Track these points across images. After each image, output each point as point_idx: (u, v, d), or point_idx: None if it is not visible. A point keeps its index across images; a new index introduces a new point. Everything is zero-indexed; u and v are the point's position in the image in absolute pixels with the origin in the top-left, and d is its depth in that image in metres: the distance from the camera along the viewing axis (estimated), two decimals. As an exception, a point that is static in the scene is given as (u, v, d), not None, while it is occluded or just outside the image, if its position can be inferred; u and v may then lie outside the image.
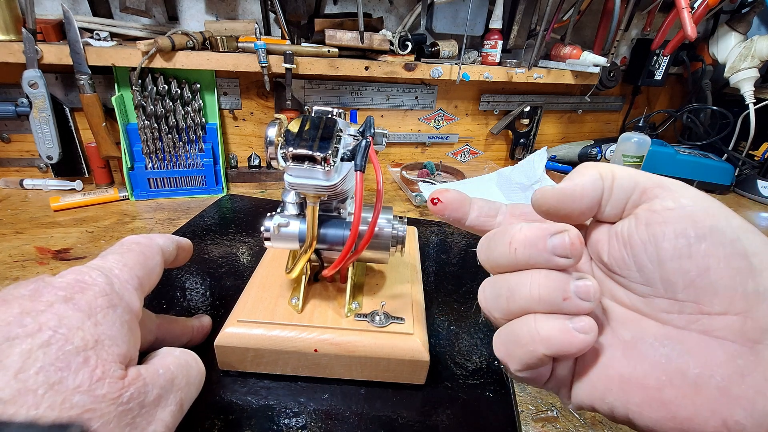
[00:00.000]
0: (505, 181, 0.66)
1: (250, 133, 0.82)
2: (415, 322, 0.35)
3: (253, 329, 0.33)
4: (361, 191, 0.28)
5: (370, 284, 0.39)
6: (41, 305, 0.20)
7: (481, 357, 0.39)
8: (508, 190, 0.66)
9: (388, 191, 0.82)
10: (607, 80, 0.91)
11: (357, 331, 0.33)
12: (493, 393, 0.35)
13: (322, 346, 0.33)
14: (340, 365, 0.33)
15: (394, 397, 0.34)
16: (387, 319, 0.34)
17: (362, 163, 0.29)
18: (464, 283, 0.50)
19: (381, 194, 0.31)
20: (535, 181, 0.59)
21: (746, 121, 0.94)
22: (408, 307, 0.36)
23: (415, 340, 0.33)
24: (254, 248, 0.54)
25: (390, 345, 0.33)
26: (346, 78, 0.80)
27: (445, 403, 0.34)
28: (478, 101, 0.93)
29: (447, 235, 0.61)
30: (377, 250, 0.35)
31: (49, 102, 0.63)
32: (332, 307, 0.36)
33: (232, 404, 0.32)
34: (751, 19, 0.93)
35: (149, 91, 0.67)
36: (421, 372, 0.34)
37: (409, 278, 0.41)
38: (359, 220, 0.29)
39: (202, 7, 0.75)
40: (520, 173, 0.63)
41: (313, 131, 0.29)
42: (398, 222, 0.36)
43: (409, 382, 0.34)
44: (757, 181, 0.92)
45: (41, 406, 0.17)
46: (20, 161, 0.73)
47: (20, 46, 0.60)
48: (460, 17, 0.80)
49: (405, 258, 0.43)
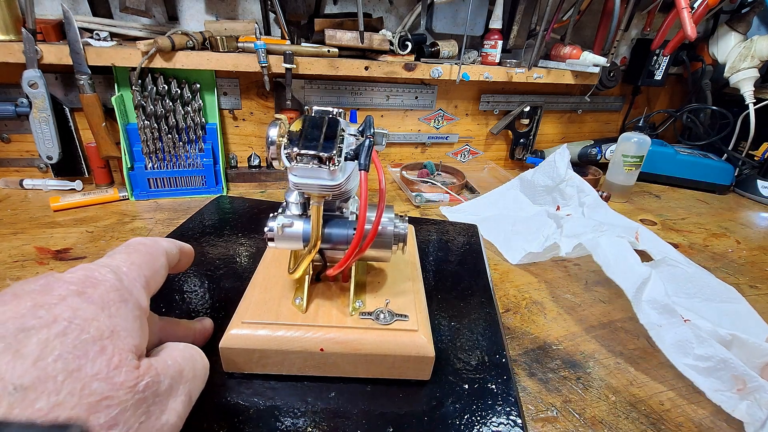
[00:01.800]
0: (528, 186, 0.66)
1: (250, 133, 0.82)
2: (419, 318, 0.35)
3: (258, 330, 0.33)
4: (366, 190, 0.28)
5: (373, 282, 0.39)
6: (54, 299, 0.20)
7: (483, 351, 0.39)
8: (533, 195, 0.66)
9: (389, 191, 0.82)
10: (607, 80, 0.91)
11: (362, 329, 0.34)
12: (496, 385, 0.35)
13: (328, 345, 0.33)
14: (346, 364, 0.34)
15: (401, 393, 0.34)
16: (391, 316, 0.35)
17: (366, 162, 0.29)
18: (463, 280, 0.50)
19: (384, 193, 0.31)
20: (560, 181, 0.59)
21: (746, 121, 0.94)
22: (411, 303, 0.37)
23: (420, 336, 0.34)
24: (252, 249, 0.54)
25: (395, 342, 0.33)
26: (346, 78, 0.80)
27: (451, 396, 0.34)
28: (478, 101, 0.93)
29: (445, 233, 0.61)
30: (380, 248, 0.35)
31: (49, 102, 0.63)
32: (336, 306, 0.36)
33: (238, 406, 0.32)
34: (751, 19, 0.94)
35: (149, 91, 0.67)
36: (426, 367, 0.34)
37: (410, 275, 0.41)
38: (365, 219, 0.29)
39: (201, 7, 0.75)
40: (543, 175, 0.63)
41: (317, 131, 0.29)
42: (400, 221, 0.36)
43: (415, 378, 0.35)
44: (757, 181, 0.92)
45: (61, 393, 0.17)
46: (20, 161, 0.73)
47: (20, 46, 0.60)
48: (460, 17, 0.80)
49: (405, 256, 0.43)
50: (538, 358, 0.42)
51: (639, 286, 0.43)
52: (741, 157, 0.96)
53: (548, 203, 0.63)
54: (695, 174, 0.95)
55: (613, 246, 0.47)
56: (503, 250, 0.59)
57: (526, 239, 0.59)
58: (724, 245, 0.70)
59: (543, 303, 0.50)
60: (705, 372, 0.37)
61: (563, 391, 0.38)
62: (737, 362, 0.34)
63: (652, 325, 0.41)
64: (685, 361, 0.38)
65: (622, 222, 0.63)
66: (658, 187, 0.96)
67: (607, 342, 0.45)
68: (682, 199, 0.90)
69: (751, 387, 0.32)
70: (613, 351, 0.44)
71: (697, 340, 0.38)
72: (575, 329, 0.46)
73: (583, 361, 0.42)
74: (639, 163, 0.84)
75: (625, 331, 0.47)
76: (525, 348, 0.43)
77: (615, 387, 0.39)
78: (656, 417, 0.36)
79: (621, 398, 0.38)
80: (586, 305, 0.51)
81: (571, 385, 0.39)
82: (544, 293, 0.52)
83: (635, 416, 0.36)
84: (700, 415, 0.37)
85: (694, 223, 0.78)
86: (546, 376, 0.39)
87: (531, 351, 0.42)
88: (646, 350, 0.44)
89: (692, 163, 0.95)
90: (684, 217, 0.81)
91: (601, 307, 0.51)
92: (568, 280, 0.56)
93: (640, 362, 0.42)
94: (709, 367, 0.36)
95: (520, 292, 0.52)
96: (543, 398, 0.37)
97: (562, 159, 0.60)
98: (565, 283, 0.55)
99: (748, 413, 0.32)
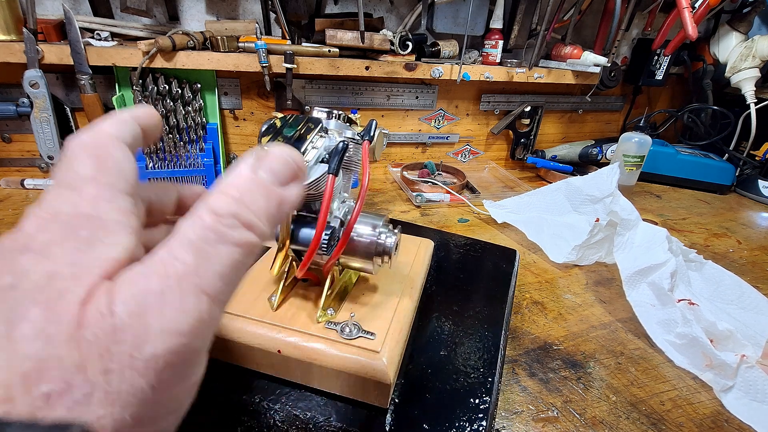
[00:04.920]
0: (574, 192, 0.67)
1: (251, 132, 0.82)
2: (387, 339, 0.32)
3: (231, 320, 0.33)
4: (329, 194, 0.28)
5: (356, 293, 0.37)
6: None
7: (466, 392, 0.34)
8: (576, 201, 0.67)
9: (389, 191, 0.82)
10: (608, 80, 0.91)
11: (323, 339, 0.32)
12: (468, 423, 0.31)
13: (286, 348, 0.32)
14: (301, 371, 0.32)
15: (353, 415, 0.31)
16: (357, 331, 0.33)
17: (335, 166, 0.28)
18: (469, 299, 0.45)
19: (363, 199, 0.30)
20: (608, 194, 0.61)
21: (747, 121, 0.94)
22: (386, 323, 0.34)
23: (380, 359, 0.31)
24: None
25: (352, 359, 0.31)
26: (347, 78, 0.80)
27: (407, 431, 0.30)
28: (478, 101, 0.93)
29: (475, 251, 0.56)
30: (357, 257, 0.34)
31: (50, 102, 0.64)
32: (308, 310, 0.35)
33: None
34: (752, 19, 0.93)
35: (150, 91, 0.67)
36: (382, 394, 0.31)
37: (400, 292, 0.38)
38: (324, 222, 0.28)
39: (202, 7, 0.75)
40: (592, 186, 0.65)
41: (292, 131, 0.29)
42: (387, 231, 0.34)
43: (371, 402, 0.32)
44: (758, 181, 0.92)
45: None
46: (21, 161, 0.73)
47: (21, 46, 0.60)
48: (460, 17, 0.80)
49: (404, 270, 0.41)
50: (538, 358, 0.42)
51: (649, 268, 0.49)
52: (742, 157, 0.96)
53: (589, 213, 0.64)
54: (696, 174, 0.95)
55: (649, 230, 0.54)
56: (548, 251, 0.61)
57: (567, 242, 0.61)
58: (725, 245, 0.70)
59: (543, 303, 0.50)
60: (681, 348, 0.43)
61: (564, 391, 0.38)
62: (705, 341, 0.41)
63: (643, 303, 0.48)
64: (666, 337, 0.45)
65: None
66: (659, 187, 0.96)
67: (608, 342, 0.45)
68: (683, 199, 0.90)
69: (716, 363, 0.40)
70: (614, 351, 0.44)
71: (683, 321, 0.44)
72: (576, 329, 0.46)
73: (584, 361, 0.42)
74: (640, 163, 0.84)
75: (626, 331, 0.47)
76: (525, 348, 0.43)
77: (616, 387, 0.39)
78: (657, 417, 0.36)
79: (622, 398, 0.38)
80: (587, 305, 0.51)
81: (572, 385, 0.39)
82: (545, 293, 0.52)
83: (636, 416, 0.36)
84: (701, 416, 0.37)
85: (695, 223, 0.78)
86: (546, 376, 0.39)
87: (531, 351, 0.42)
88: (647, 350, 0.44)
89: (693, 163, 0.95)
90: (685, 217, 0.81)
91: (601, 307, 0.51)
92: (569, 280, 0.56)
93: (640, 362, 0.42)
94: (684, 344, 0.43)
95: (520, 292, 0.52)
96: (543, 398, 0.37)
97: (614, 174, 0.62)
98: (566, 283, 0.55)
99: (714, 381, 0.40)
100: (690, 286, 0.53)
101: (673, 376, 0.41)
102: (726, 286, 0.54)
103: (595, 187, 0.64)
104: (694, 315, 0.44)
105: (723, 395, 0.39)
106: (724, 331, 0.41)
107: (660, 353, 0.44)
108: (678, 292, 0.50)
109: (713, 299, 0.53)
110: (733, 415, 0.37)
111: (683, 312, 0.44)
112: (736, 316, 0.50)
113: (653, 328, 0.46)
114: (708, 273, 0.56)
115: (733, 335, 0.41)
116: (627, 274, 0.50)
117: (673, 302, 0.46)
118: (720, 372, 0.40)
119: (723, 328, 0.41)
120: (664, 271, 0.49)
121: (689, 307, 0.46)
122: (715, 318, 0.43)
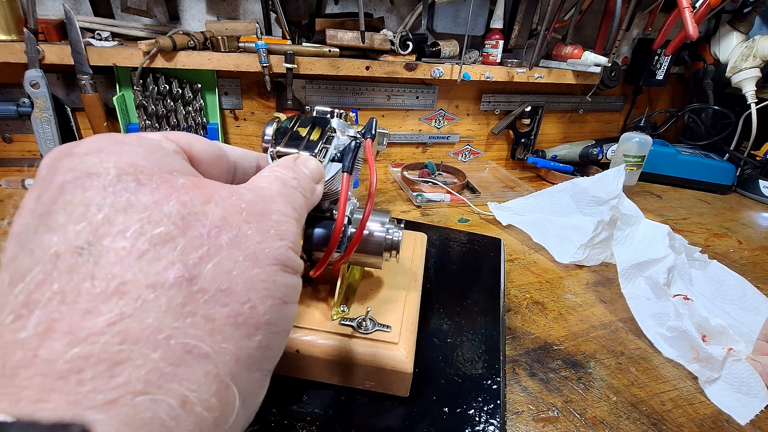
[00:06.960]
0: (580, 192, 0.67)
1: (251, 132, 0.82)
2: (402, 331, 0.34)
3: None
4: (346, 192, 0.27)
5: (364, 289, 0.38)
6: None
7: (476, 376, 0.36)
8: (582, 202, 0.67)
9: (389, 191, 0.82)
10: (609, 80, 0.91)
11: (340, 335, 0.32)
12: (480, 414, 0.33)
13: (304, 347, 0.32)
14: (321, 369, 0.33)
15: (375, 406, 0.33)
16: (373, 325, 0.33)
17: (350, 164, 0.28)
18: (465, 288, 0.49)
19: (372, 196, 0.30)
20: (613, 197, 0.61)
21: (748, 121, 0.94)
22: (398, 315, 0.35)
23: (399, 350, 0.32)
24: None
25: (372, 353, 0.32)
26: (347, 78, 0.80)
27: (427, 418, 0.32)
28: (479, 101, 0.93)
29: (466, 244, 0.59)
30: (368, 254, 0.34)
31: (50, 102, 0.64)
32: (321, 309, 0.35)
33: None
34: (753, 19, 0.93)
35: (150, 91, 0.67)
36: (403, 383, 0.32)
37: (406, 285, 0.39)
38: (342, 221, 0.28)
39: (203, 7, 0.75)
40: (599, 187, 0.65)
41: (303, 130, 0.29)
42: (394, 227, 0.34)
43: (392, 393, 0.33)
44: (758, 181, 0.92)
45: None
46: (22, 161, 0.73)
47: (22, 46, 0.60)
48: (461, 17, 0.80)
49: (406, 264, 0.42)
50: (539, 358, 0.42)
51: (647, 262, 0.50)
52: (743, 157, 0.96)
53: (594, 215, 0.64)
54: (697, 174, 0.95)
55: (651, 226, 0.56)
56: (553, 252, 0.61)
57: (573, 243, 0.61)
58: (725, 245, 0.70)
59: (544, 303, 0.50)
60: (670, 340, 0.44)
61: (564, 392, 0.38)
62: (694, 334, 0.42)
63: (638, 296, 0.49)
64: (657, 330, 0.46)
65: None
66: (660, 187, 0.96)
67: (608, 342, 0.45)
68: (684, 199, 0.90)
69: (702, 356, 0.41)
70: (614, 351, 0.44)
71: (675, 315, 0.45)
72: (576, 329, 0.46)
73: (584, 361, 0.42)
74: (640, 163, 0.84)
75: (627, 331, 0.47)
76: (526, 348, 0.43)
77: (616, 387, 0.39)
78: (657, 417, 0.36)
79: (622, 398, 0.38)
80: (587, 305, 0.51)
81: (572, 385, 0.39)
82: (545, 293, 0.52)
83: (636, 416, 0.36)
84: (702, 416, 0.37)
85: (696, 223, 0.78)
86: (547, 376, 0.39)
87: (532, 351, 0.42)
88: (647, 350, 0.44)
89: (694, 163, 0.95)
90: (685, 217, 0.81)
91: (602, 307, 0.51)
92: (569, 280, 0.56)
93: (641, 362, 0.42)
94: (673, 336, 0.44)
95: (521, 292, 0.52)
96: (544, 398, 0.37)
97: (620, 177, 0.62)
98: (566, 283, 0.55)
99: (699, 371, 0.41)
100: (691, 283, 0.53)
101: (674, 376, 0.41)
102: (729, 286, 0.54)
103: (601, 189, 0.64)
104: (688, 310, 0.44)
105: (707, 386, 0.40)
106: (716, 326, 0.42)
107: (660, 353, 0.44)
108: (675, 288, 0.51)
109: (714, 298, 0.53)
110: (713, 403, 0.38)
111: (677, 306, 0.45)
112: (735, 315, 0.50)
113: (645, 321, 0.46)
114: (712, 272, 0.57)
115: (726, 331, 0.42)
116: (623, 267, 0.50)
117: (668, 296, 0.47)
118: (706, 364, 0.41)
119: (716, 324, 0.42)
120: (662, 266, 0.49)
121: (683, 302, 0.47)
122: (709, 314, 0.43)
